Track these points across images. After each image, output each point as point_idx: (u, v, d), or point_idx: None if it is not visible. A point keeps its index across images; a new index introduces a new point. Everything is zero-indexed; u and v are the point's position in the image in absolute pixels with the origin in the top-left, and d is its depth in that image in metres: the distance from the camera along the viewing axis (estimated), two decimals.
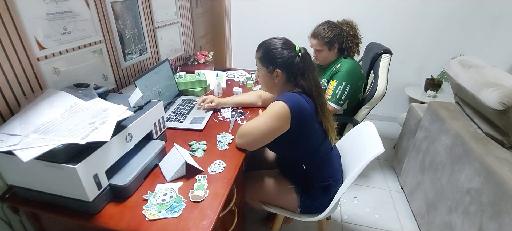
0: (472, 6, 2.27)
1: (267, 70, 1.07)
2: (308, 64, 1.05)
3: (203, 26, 2.62)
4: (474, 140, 1.25)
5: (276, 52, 1.04)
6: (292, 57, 1.03)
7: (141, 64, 1.68)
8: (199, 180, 0.92)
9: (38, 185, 0.79)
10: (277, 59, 1.04)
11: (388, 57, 1.68)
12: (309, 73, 1.05)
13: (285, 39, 1.08)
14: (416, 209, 1.66)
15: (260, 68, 1.10)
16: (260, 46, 1.10)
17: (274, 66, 1.05)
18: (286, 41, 1.07)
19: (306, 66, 1.04)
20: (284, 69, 1.04)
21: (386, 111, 2.87)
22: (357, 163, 1.08)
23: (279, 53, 1.04)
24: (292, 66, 1.04)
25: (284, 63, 1.04)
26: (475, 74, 1.34)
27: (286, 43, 1.06)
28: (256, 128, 1.02)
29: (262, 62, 1.08)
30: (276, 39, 1.07)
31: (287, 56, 1.03)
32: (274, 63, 1.05)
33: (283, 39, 1.07)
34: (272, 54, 1.05)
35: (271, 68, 1.05)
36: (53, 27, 1.08)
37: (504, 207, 0.99)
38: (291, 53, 1.04)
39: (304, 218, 1.17)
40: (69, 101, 0.88)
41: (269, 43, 1.07)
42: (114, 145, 0.82)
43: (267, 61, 1.06)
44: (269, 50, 1.05)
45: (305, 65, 1.04)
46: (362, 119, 1.71)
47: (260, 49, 1.09)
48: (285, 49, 1.04)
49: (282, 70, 1.05)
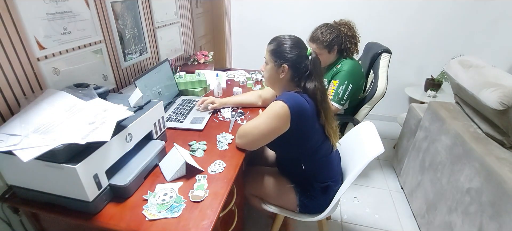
0: (472, 6, 2.27)
1: (274, 63, 1.07)
2: (317, 68, 1.06)
3: (203, 26, 2.61)
4: (474, 140, 1.25)
5: (287, 48, 1.05)
6: (302, 58, 1.04)
7: (141, 64, 1.68)
8: (199, 180, 0.92)
9: (38, 185, 0.79)
10: (287, 55, 1.05)
11: (388, 57, 1.68)
12: (317, 77, 1.05)
13: (299, 39, 1.09)
14: (416, 209, 1.66)
15: (268, 60, 1.11)
16: (274, 39, 1.10)
17: (283, 61, 1.05)
18: (299, 41, 1.08)
19: (315, 69, 1.05)
20: (291, 66, 1.05)
21: (386, 111, 2.87)
22: (357, 163, 1.08)
23: (290, 49, 1.04)
24: (300, 66, 1.04)
25: (293, 61, 1.04)
26: (475, 74, 1.34)
27: (299, 43, 1.07)
28: (256, 127, 1.02)
29: (272, 55, 1.08)
30: (290, 37, 1.08)
31: (298, 54, 1.04)
32: (283, 58, 1.05)
33: (297, 39, 1.09)
34: (283, 49, 1.05)
35: (279, 62, 1.06)
36: (53, 27, 1.08)
37: (504, 207, 0.99)
38: (302, 53, 1.05)
39: (304, 218, 1.17)
40: (69, 101, 0.88)
41: (283, 38, 1.08)
42: (114, 145, 0.82)
43: (277, 54, 1.07)
44: (281, 44, 1.06)
45: (314, 68, 1.05)
46: (362, 118, 1.71)
47: (273, 42, 1.09)
48: (297, 48, 1.05)
49: (289, 67, 1.05)
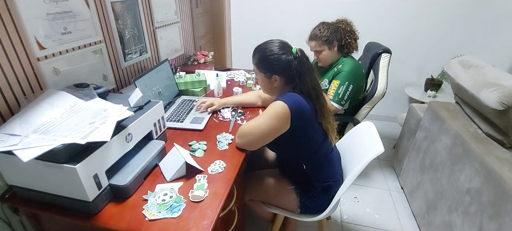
0: (472, 6, 2.27)
1: (265, 75, 1.06)
2: (305, 67, 1.03)
3: (203, 26, 2.61)
4: (474, 140, 1.25)
5: (273, 58, 1.02)
6: (290, 61, 1.02)
7: (141, 64, 1.68)
8: (199, 180, 0.92)
9: (38, 185, 0.79)
10: (274, 65, 1.02)
11: (388, 57, 1.68)
12: (306, 75, 1.02)
13: (281, 42, 1.05)
14: (416, 209, 1.66)
15: (257, 73, 1.09)
16: (256, 51, 1.07)
17: (272, 72, 1.03)
18: (282, 44, 1.05)
19: (303, 68, 1.02)
20: (282, 74, 1.03)
21: (386, 111, 2.87)
22: (357, 163, 1.08)
23: (276, 58, 1.01)
24: (290, 70, 1.02)
25: (282, 68, 1.02)
26: (475, 74, 1.34)
27: (283, 47, 1.04)
28: (256, 127, 1.02)
29: (260, 68, 1.06)
30: (272, 43, 1.04)
31: (285, 60, 1.01)
32: (271, 69, 1.03)
33: (279, 42, 1.05)
34: (269, 60, 1.03)
35: (269, 74, 1.04)
36: (53, 27, 1.08)
37: (504, 207, 0.99)
38: (288, 57, 1.02)
39: (304, 218, 1.17)
40: (69, 101, 0.88)
41: (265, 49, 1.04)
42: (114, 145, 0.82)
43: (264, 67, 1.05)
44: (266, 56, 1.03)
45: (302, 67, 1.02)
46: (362, 118, 1.71)
47: (256, 54, 1.06)
48: (282, 54, 1.02)
49: (280, 75, 1.03)
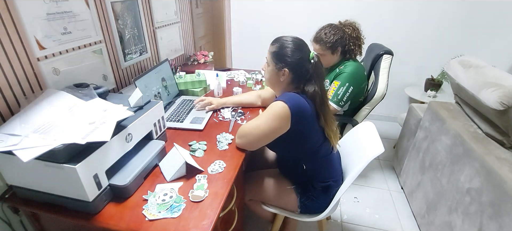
0: (472, 6, 2.27)
1: (275, 66, 1.06)
2: (318, 72, 1.05)
3: (203, 26, 2.62)
4: (474, 140, 1.25)
5: (289, 52, 1.03)
6: (304, 61, 1.03)
7: (141, 64, 1.68)
8: (199, 180, 0.92)
9: (38, 185, 0.79)
10: (288, 59, 1.03)
11: (389, 58, 1.67)
12: (317, 81, 1.04)
13: (302, 42, 1.07)
14: (416, 209, 1.66)
15: (269, 61, 1.09)
16: (276, 40, 1.08)
17: (284, 65, 1.04)
18: (302, 44, 1.06)
19: (316, 73, 1.04)
20: (292, 70, 1.04)
21: (386, 112, 2.87)
22: (357, 163, 1.08)
23: (292, 53, 1.03)
24: (301, 70, 1.03)
25: (294, 65, 1.03)
26: (475, 74, 1.34)
27: (302, 46, 1.05)
28: (256, 128, 1.02)
29: (274, 57, 1.07)
30: (293, 39, 1.06)
31: (299, 58, 1.03)
32: (284, 62, 1.04)
33: (300, 41, 1.07)
34: (285, 52, 1.04)
35: (280, 66, 1.05)
36: (53, 27, 1.08)
37: (504, 207, 0.99)
38: (304, 57, 1.03)
39: (304, 218, 1.17)
40: (69, 101, 0.88)
41: (285, 41, 1.06)
42: (114, 145, 0.82)
43: (278, 57, 1.05)
44: (283, 47, 1.05)
45: (316, 72, 1.04)
46: (362, 119, 1.71)
47: (276, 43, 1.07)
48: (299, 52, 1.03)
49: (290, 71, 1.04)
